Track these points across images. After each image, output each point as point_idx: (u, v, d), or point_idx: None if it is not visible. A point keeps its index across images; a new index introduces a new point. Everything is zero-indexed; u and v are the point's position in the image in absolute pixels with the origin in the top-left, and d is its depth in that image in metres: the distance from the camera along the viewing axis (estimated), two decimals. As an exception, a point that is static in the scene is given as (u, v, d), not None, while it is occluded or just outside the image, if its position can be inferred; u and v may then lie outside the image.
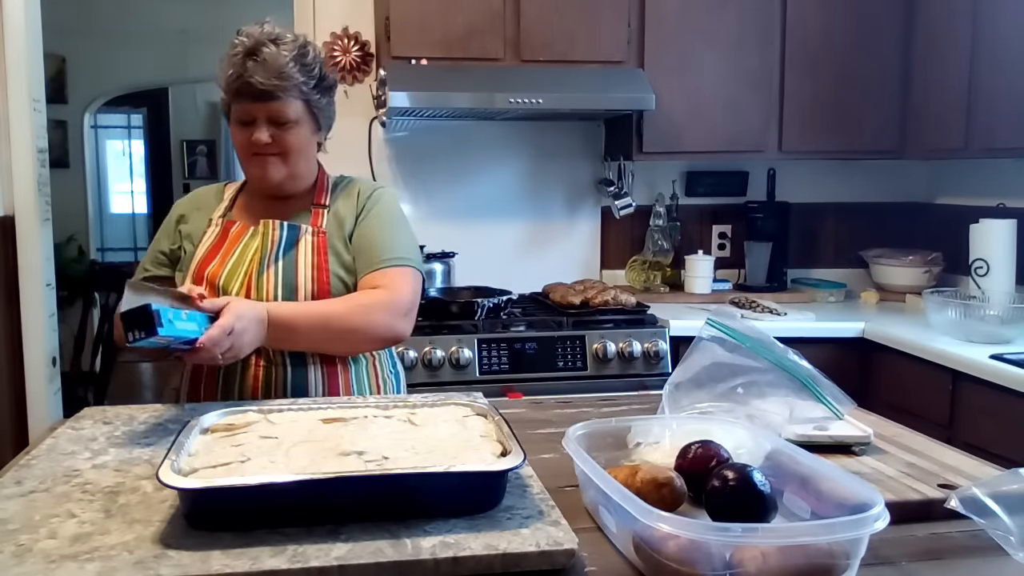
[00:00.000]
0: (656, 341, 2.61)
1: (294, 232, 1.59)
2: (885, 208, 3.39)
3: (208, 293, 1.46)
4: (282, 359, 1.55)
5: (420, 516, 0.92)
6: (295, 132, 1.55)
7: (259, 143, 1.53)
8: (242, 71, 1.49)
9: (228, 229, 1.63)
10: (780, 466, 1.03)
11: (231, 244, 1.60)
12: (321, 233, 1.61)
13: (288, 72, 1.50)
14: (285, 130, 1.54)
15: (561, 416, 1.48)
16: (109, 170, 9.61)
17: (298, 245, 1.59)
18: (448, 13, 2.75)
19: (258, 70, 1.48)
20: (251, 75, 1.48)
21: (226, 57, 1.53)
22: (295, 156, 1.57)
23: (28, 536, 0.89)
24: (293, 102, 1.53)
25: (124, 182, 9.71)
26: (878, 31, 2.98)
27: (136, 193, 9.65)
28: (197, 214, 1.68)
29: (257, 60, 1.49)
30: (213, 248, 1.60)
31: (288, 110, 1.53)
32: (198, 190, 1.77)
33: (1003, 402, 2.06)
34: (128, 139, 9.72)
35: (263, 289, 1.54)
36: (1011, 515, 0.90)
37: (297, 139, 1.56)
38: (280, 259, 1.57)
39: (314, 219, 1.63)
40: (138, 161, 9.56)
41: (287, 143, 1.55)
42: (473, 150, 3.18)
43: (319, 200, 1.65)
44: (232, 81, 1.51)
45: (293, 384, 1.55)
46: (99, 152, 9.11)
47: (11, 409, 2.76)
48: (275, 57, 1.49)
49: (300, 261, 1.57)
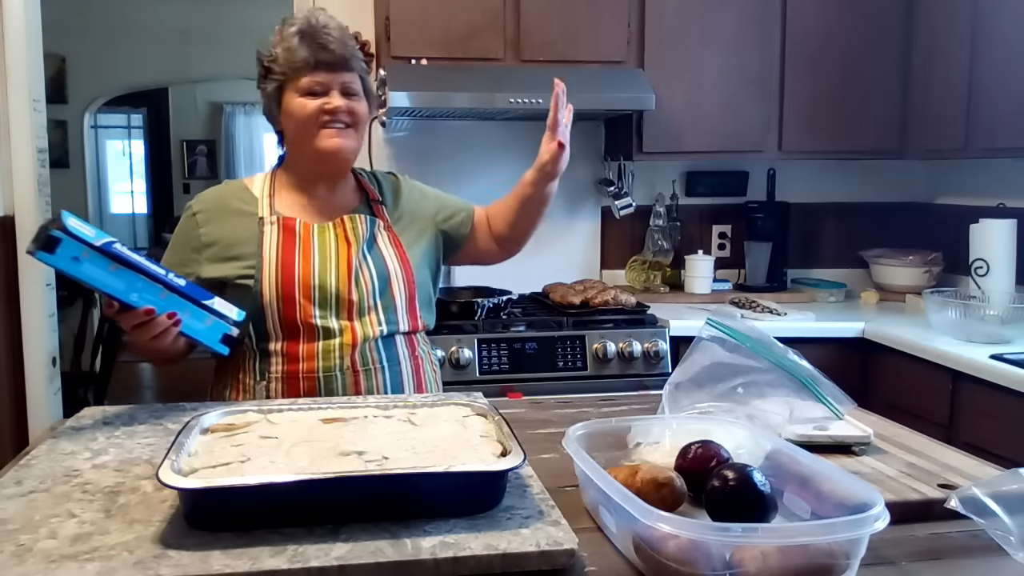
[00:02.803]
0: (656, 341, 2.61)
1: (373, 225, 1.63)
2: (885, 208, 3.39)
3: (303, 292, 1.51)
4: (379, 359, 1.57)
5: (420, 516, 0.92)
6: (362, 104, 1.60)
7: (339, 109, 1.55)
8: (317, 41, 1.54)
9: (291, 227, 1.57)
10: (780, 466, 1.03)
11: (305, 242, 1.56)
12: (390, 228, 1.66)
13: (353, 47, 1.58)
14: (355, 100, 1.59)
15: (561, 416, 1.48)
16: (109, 170, 9.63)
17: (377, 238, 1.63)
18: (448, 13, 2.75)
19: (331, 40, 1.54)
20: (326, 43, 1.54)
21: (282, 38, 1.57)
22: (362, 128, 1.62)
23: (28, 536, 0.89)
24: (357, 77, 1.60)
25: (124, 182, 9.72)
26: (878, 31, 2.98)
27: (136, 193, 9.66)
28: (225, 215, 1.60)
29: (327, 31, 1.55)
30: (286, 248, 1.55)
31: (355, 82, 1.59)
32: (211, 190, 1.69)
33: (1003, 402, 2.06)
34: (128, 139, 9.74)
35: (361, 283, 1.56)
36: (1011, 515, 0.90)
37: (363, 110, 1.61)
38: (368, 253, 1.60)
39: (378, 213, 1.67)
40: (138, 161, 9.57)
41: (358, 112, 1.59)
42: (473, 150, 3.18)
43: (373, 196, 1.70)
44: (306, 55, 1.54)
45: (391, 384, 1.58)
46: (99, 152, 9.13)
47: (11, 409, 2.76)
48: (341, 32, 1.58)
49: (385, 253, 1.62)
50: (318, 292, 1.53)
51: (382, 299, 1.58)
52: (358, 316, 1.55)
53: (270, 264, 1.53)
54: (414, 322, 1.64)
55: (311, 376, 1.52)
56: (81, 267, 1.25)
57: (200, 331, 1.38)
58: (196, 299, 1.38)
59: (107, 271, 1.27)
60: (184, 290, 1.36)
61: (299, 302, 1.52)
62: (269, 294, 1.51)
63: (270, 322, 1.52)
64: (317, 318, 1.53)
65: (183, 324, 1.35)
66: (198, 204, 1.64)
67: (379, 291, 1.57)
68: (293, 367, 1.53)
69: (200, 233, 1.60)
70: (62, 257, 1.23)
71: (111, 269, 1.28)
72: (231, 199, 1.63)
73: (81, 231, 1.25)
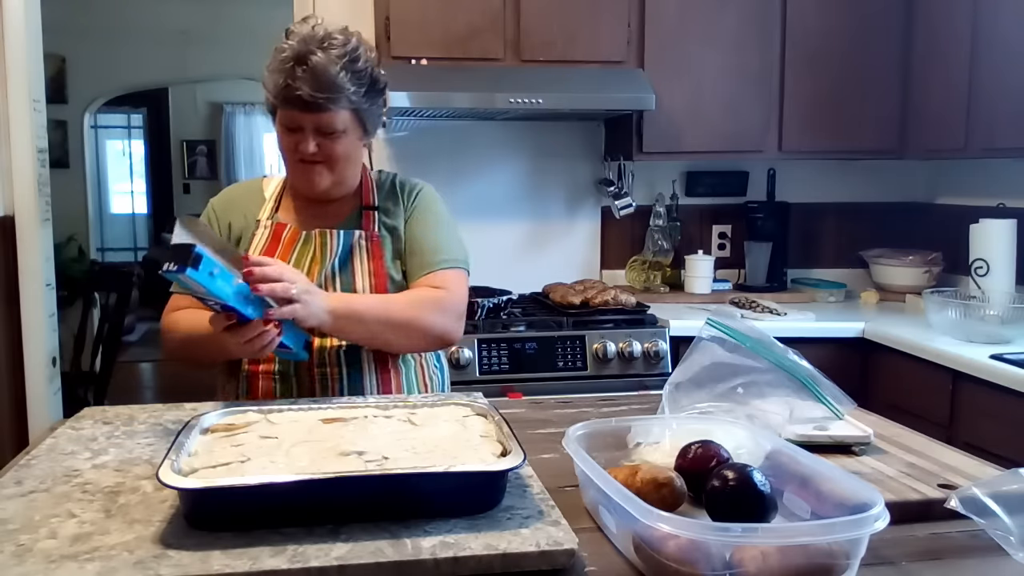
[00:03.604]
0: (656, 341, 2.61)
1: (348, 239, 1.57)
2: (885, 208, 3.39)
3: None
4: (337, 361, 1.53)
5: (420, 516, 0.92)
6: (342, 141, 1.51)
7: (305, 153, 1.49)
8: (291, 80, 1.43)
9: (279, 233, 1.59)
10: (780, 466, 1.03)
11: (285, 250, 1.57)
12: (375, 238, 1.59)
13: (338, 83, 1.44)
14: (332, 139, 1.50)
15: (561, 416, 1.48)
16: (109, 170, 9.62)
17: (353, 252, 1.57)
18: (448, 13, 2.75)
19: (306, 80, 1.42)
20: (299, 86, 1.42)
21: (273, 60, 1.46)
22: (341, 164, 1.54)
23: (28, 536, 0.89)
24: (341, 112, 1.48)
25: (124, 182, 9.71)
26: (878, 31, 2.98)
27: (136, 193, 9.65)
28: (234, 214, 1.64)
29: (306, 69, 1.43)
30: (266, 253, 1.55)
31: (336, 120, 1.48)
32: (230, 188, 1.74)
33: (1003, 402, 2.06)
34: (128, 139, 9.73)
35: None
36: (1011, 515, 0.90)
37: (344, 148, 1.52)
38: (338, 269, 1.56)
39: (366, 222, 1.61)
40: (138, 161, 9.57)
41: (334, 153, 1.51)
42: (473, 150, 3.18)
43: (367, 201, 1.63)
44: (280, 89, 1.45)
45: (350, 386, 1.54)
46: (99, 152, 9.12)
47: (11, 409, 2.76)
48: (324, 67, 1.43)
49: (357, 269, 1.56)
50: None
51: None
52: (318, 331, 1.50)
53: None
54: None
55: (268, 375, 1.53)
56: (215, 282, 1.21)
57: (291, 338, 1.38)
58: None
59: (232, 285, 1.25)
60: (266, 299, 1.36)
61: None
62: None
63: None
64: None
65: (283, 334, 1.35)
66: (214, 203, 1.69)
67: None
68: (255, 367, 1.54)
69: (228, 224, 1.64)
70: (203, 273, 1.19)
71: (235, 283, 1.26)
72: (242, 199, 1.67)
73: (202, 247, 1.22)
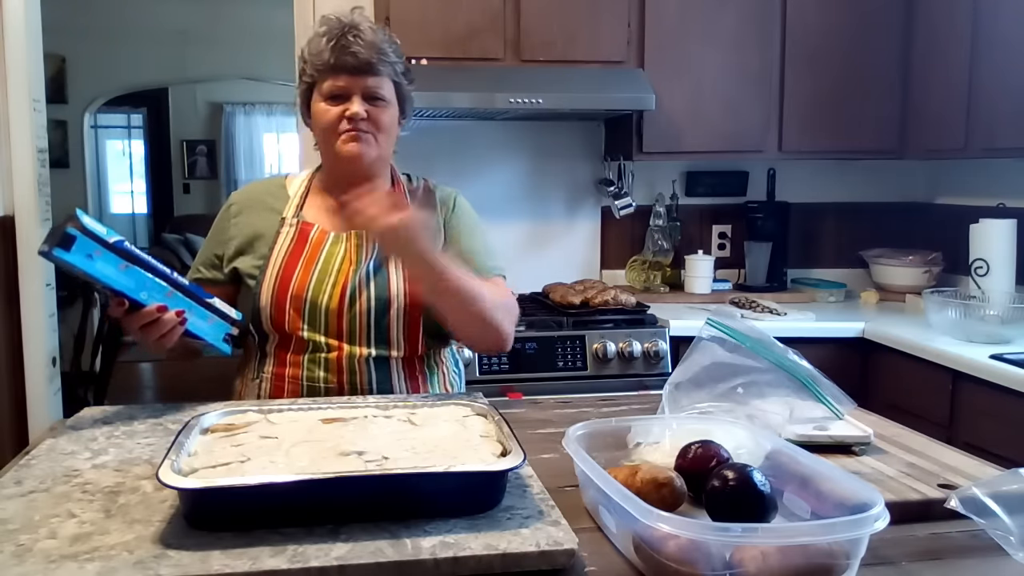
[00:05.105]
0: (656, 341, 2.61)
1: None
2: (885, 208, 3.39)
3: (294, 304, 1.48)
4: (367, 368, 1.52)
5: (420, 516, 0.92)
6: (387, 111, 1.54)
7: (356, 116, 1.49)
8: (343, 43, 1.48)
9: (306, 233, 1.56)
10: (780, 466, 1.03)
11: (313, 251, 1.54)
12: None
13: (384, 49, 1.51)
14: (379, 107, 1.52)
15: (561, 416, 1.48)
16: (109, 170, 9.62)
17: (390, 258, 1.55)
18: (448, 13, 2.75)
19: (357, 43, 1.48)
20: (352, 48, 1.48)
21: (315, 39, 1.52)
22: (385, 136, 1.55)
23: (28, 536, 0.89)
24: (386, 81, 1.53)
25: (124, 182, 9.72)
26: (878, 30, 2.98)
27: (136, 193, 9.66)
28: (256, 210, 1.62)
29: (356, 35, 1.49)
30: (292, 255, 1.54)
31: (383, 87, 1.52)
32: (252, 184, 1.73)
33: (1003, 402, 2.06)
34: (128, 139, 9.74)
35: (356, 305, 1.50)
36: (1011, 515, 0.90)
37: (389, 118, 1.55)
38: (373, 271, 1.53)
39: None
40: (138, 161, 9.57)
41: (381, 120, 1.53)
42: (473, 150, 3.18)
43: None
44: (331, 53, 1.49)
45: (379, 393, 1.51)
46: (99, 152, 9.13)
47: (11, 409, 2.76)
48: (373, 32, 1.51)
49: (392, 274, 1.53)
50: (308, 307, 1.50)
51: (378, 324, 1.51)
52: (348, 337, 1.51)
53: (273, 268, 1.53)
54: (412, 348, 1.55)
55: (295, 382, 1.52)
56: (94, 264, 1.25)
57: (204, 329, 1.40)
58: (199, 297, 1.39)
59: (118, 269, 1.27)
60: (189, 289, 1.38)
61: (288, 313, 1.50)
62: (265, 298, 1.51)
63: (265, 324, 1.52)
64: (305, 331, 1.50)
65: (188, 322, 1.36)
66: (234, 197, 1.68)
67: (376, 315, 1.51)
68: (281, 370, 1.53)
69: (230, 224, 1.62)
70: (77, 254, 1.23)
71: (121, 268, 1.28)
72: (265, 195, 1.65)
73: (95, 228, 1.25)
